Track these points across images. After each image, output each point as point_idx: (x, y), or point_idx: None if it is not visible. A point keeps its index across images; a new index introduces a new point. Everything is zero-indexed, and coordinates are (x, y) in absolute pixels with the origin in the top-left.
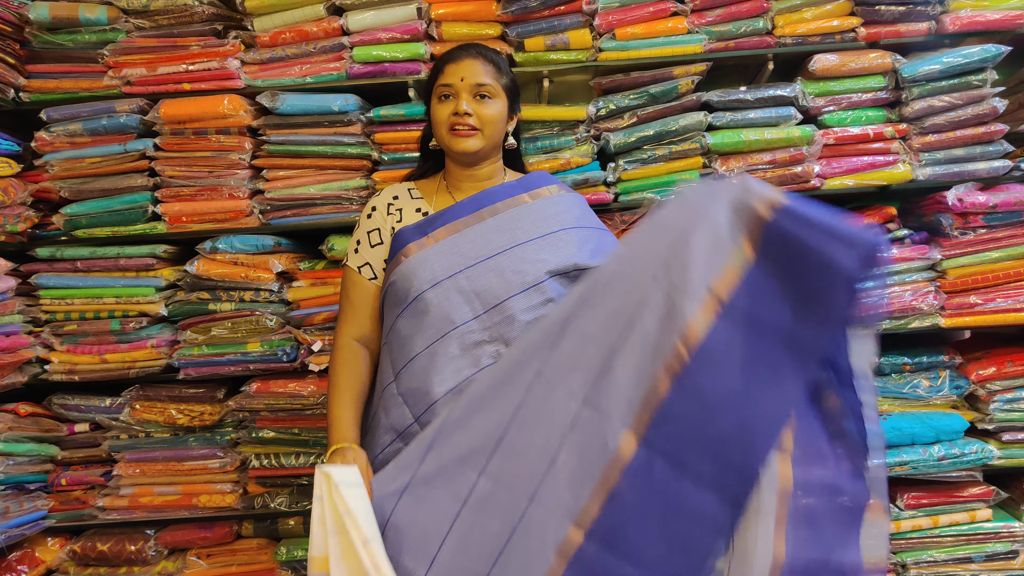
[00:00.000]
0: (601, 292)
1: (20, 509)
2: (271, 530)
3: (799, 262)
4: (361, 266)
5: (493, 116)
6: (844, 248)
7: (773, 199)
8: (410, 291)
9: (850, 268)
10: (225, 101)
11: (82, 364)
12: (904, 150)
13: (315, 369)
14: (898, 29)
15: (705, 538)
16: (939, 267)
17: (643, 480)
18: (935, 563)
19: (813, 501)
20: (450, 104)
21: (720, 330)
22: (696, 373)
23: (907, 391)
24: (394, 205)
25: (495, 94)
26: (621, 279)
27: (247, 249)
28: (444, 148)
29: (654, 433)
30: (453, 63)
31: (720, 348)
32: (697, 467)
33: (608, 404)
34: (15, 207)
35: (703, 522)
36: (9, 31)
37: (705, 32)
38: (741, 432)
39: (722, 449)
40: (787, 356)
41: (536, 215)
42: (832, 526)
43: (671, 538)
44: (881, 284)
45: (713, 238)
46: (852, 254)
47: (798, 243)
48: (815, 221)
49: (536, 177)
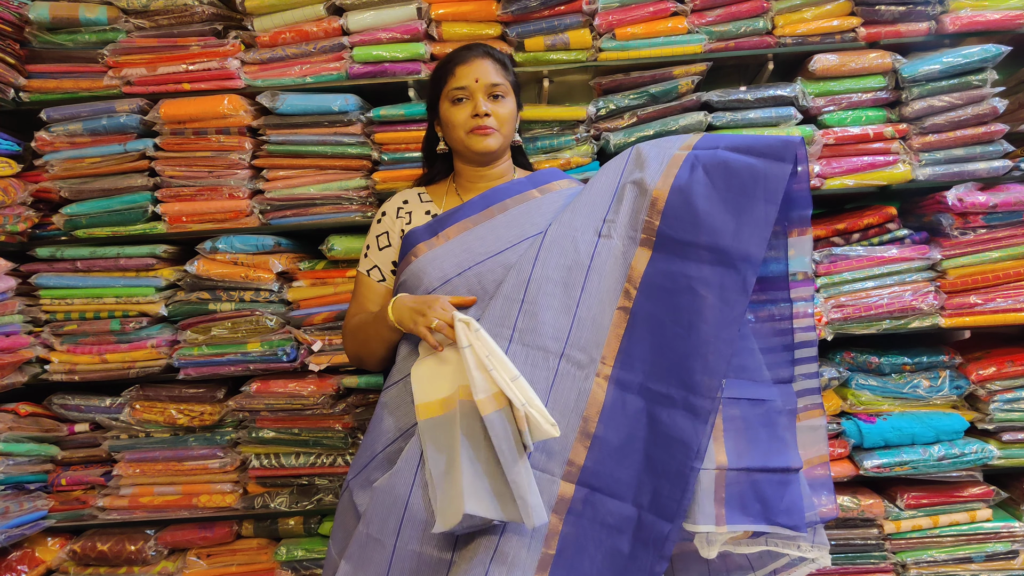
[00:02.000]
0: (554, 251)
1: (20, 509)
2: (271, 530)
3: (722, 181)
4: (370, 269)
5: (508, 114)
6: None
7: (689, 142)
8: (419, 289)
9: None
10: (225, 101)
11: (82, 364)
12: (904, 150)
13: (315, 369)
14: (898, 29)
15: (686, 460)
16: (939, 267)
17: (620, 419)
18: (935, 563)
19: (739, 412)
20: (467, 106)
21: (657, 260)
22: (645, 304)
23: (907, 391)
24: (404, 208)
25: (507, 92)
26: (570, 238)
27: (247, 249)
28: (461, 150)
29: (622, 371)
30: (463, 64)
31: (661, 277)
32: (667, 393)
33: (580, 355)
34: (15, 207)
35: (681, 444)
36: (9, 31)
37: (705, 32)
38: (700, 351)
39: (685, 369)
40: (726, 271)
41: (546, 209)
42: (765, 433)
43: (654, 466)
44: (804, 180)
45: (645, 182)
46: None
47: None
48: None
49: (546, 173)
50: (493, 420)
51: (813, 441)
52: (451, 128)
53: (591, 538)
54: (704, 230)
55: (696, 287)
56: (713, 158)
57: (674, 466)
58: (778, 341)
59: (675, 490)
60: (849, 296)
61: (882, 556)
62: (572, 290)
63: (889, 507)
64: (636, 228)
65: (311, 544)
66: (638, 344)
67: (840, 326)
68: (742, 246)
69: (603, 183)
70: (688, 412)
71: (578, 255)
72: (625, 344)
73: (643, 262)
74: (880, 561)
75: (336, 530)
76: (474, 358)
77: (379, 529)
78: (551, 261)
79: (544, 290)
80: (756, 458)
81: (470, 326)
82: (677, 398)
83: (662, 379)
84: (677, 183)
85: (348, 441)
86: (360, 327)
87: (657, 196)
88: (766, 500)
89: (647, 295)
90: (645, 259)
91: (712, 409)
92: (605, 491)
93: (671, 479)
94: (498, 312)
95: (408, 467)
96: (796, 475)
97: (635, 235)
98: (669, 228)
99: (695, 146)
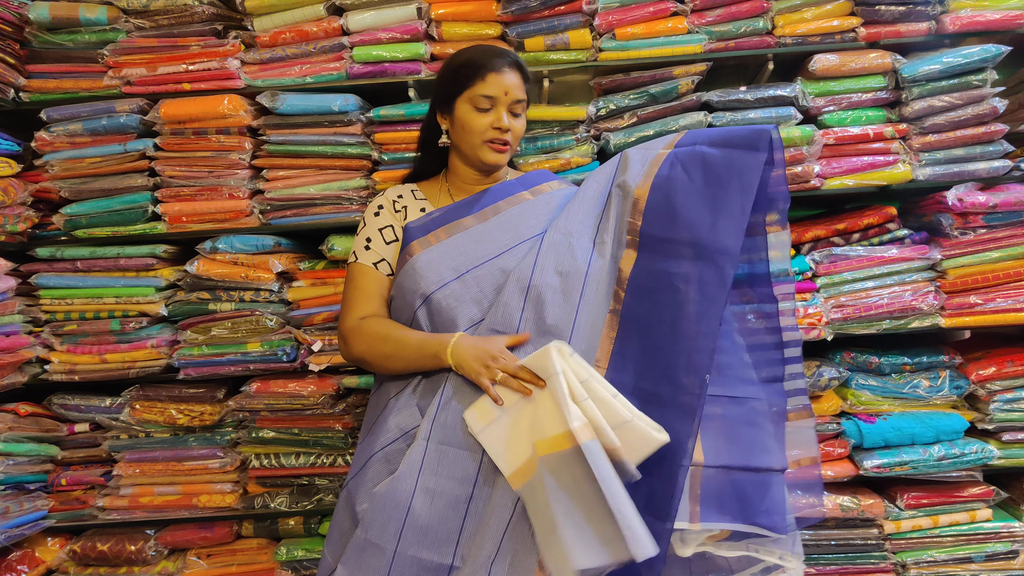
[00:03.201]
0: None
1: (20, 509)
2: (271, 530)
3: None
4: (377, 262)
5: (522, 130)
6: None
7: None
8: (417, 293)
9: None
10: (225, 101)
11: (82, 364)
12: (904, 150)
13: (315, 369)
14: (898, 29)
15: (676, 458)
16: (939, 267)
17: None
18: (935, 563)
19: (720, 409)
20: (490, 116)
21: (641, 261)
22: (632, 305)
23: (907, 391)
24: (399, 203)
25: (524, 110)
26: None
27: (247, 249)
28: (471, 156)
29: (615, 373)
30: (496, 73)
31: (645, 276)
32: (656, 392)
33: None
34: (15, 207)
35: (671, 443)
36: (9, 31)
37: (705, 32)
38: (683, 347)
39: (671, 367)
40: (705, 265)
41: (539, 211)
42: (748, 432)
43: (646, 465)
44: (780, 167)
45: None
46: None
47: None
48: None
49: (536, 175)
50: (591, 448)
51: (803, 442)
52: (466, 133)
53: None
54: (682, 225)
55: (677, 283)
56: (691, 153)
57: (665, 465)
58: (764, 339)
59: (666, 488)
60: (849, 296)
61: (882, 556)
62: (571, 296)
63: (889, 507)
64: (622, 231)
65: (311, 544)
66: (628, 345)
67: (840, 326)
68: (719, 238)
69: (594, 189)
70: (676, 409)
71: (576, 262)
72: (617, 346)
73: (629, 264)
74: (880, 561)
75: (332, 531)
76: (566, 387)
77: (379, 534)
78: (549, 267)
79: (544, 297)
80: (736, 456)
81: (563, 352)
82: (666, 396)
83: (651, 378)
84: (656, 181)
85: (348, 441)
86: (386, 340)
87: (639, 196)
88: (746, 499)
89: (634, 296)
90: (631, 261)
91: (698, 405)
92: None
93: (663, 478)
94: (499, 319)
95: (410, 472)
96: (780, 476)
97: (622, 238)
98: (650, 227)
99: (676, 144)
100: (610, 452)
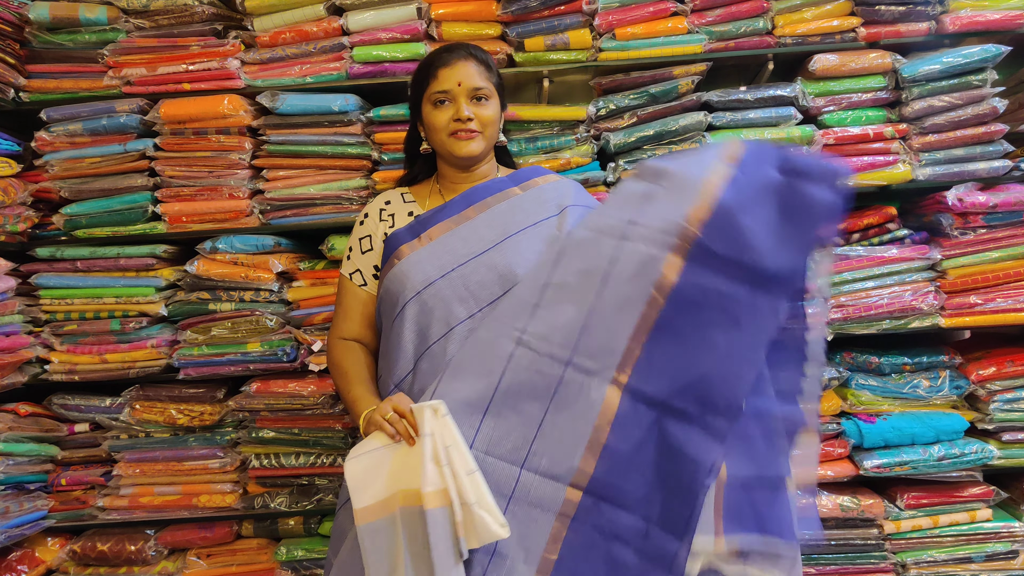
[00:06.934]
0: (573, 255)
1: (20, 509)
2: (271, 530)
3: (769, 203)
4: (352, 272)
5: (491, 117)
6: (814, 184)
7: (732, 152)
8: (404, 293)
9: (825, 201)
10: (225, 101)
11: (82, 364)
12: (904, 150)
13: (315, 369)
14: (898, 29)
15: (697, 476)
16: (939, 267)
17: (632, 430)
18: (935, 563)
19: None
20: (448, 109)
21: (690, 272)
22: (672, 315)
23: (907, 391)
24: (386, 211)
25: (490, 95)
26: (590, 241)
27: (247, 249)
28: (444, 153)
29: (638, 382)
30: (446, 67)
31: (693, 289)
32: (683, 408)
33: (590, 363)
34: (15, 207)
35: (693, 461)
36: (9, 31)
37: (705, 32)
38: (723, 371)
39: (705, 387)
40: (761, 291)
41: (528, 204)
42: (765, 446)
43: (664, 481)
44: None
45: (678, 192)
46: (823, 188)
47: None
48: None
49: (528, 171)
50: (436, 516)
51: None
52: (433, 131)
53: (595, 546)
54: (746, 249)
55: (728, 305)
56: (763, 176)
57: (685, 482)
58: (790, 357)
59: (684, 507)
60: (849, 296)
61: (882, 556)
62: (588, 295)
63: (889, 507)
64: (670, 233)
65: (311, 544)
66: (659, 355)
67: (840, 326)
68: (783, 271)
69: (632, 189)
70: (703, 430)
71: (600, 259)
72: (645, 353)
73: (674, 271)
74: (880, 561)
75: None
76: (431, 449)
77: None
78: (572, 265)
79: (560, 295)
80: (752, 468)
81: (437, 412)
82: (694, 414)
83: (680, 394)
84: (723, 196)
85: (348, 441)
86: (340, 376)
87: (700, 205)
88: (758, 509)
89: (675, 306)
90: (676, 268)
91: (729, 430)
92: (613, 501)
93: (681, 495)
94: (509, 312)
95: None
96: (784, 483)
97: (668, 240)
98: (709, 240)
99: (741, 160)
100: (455, 525)
